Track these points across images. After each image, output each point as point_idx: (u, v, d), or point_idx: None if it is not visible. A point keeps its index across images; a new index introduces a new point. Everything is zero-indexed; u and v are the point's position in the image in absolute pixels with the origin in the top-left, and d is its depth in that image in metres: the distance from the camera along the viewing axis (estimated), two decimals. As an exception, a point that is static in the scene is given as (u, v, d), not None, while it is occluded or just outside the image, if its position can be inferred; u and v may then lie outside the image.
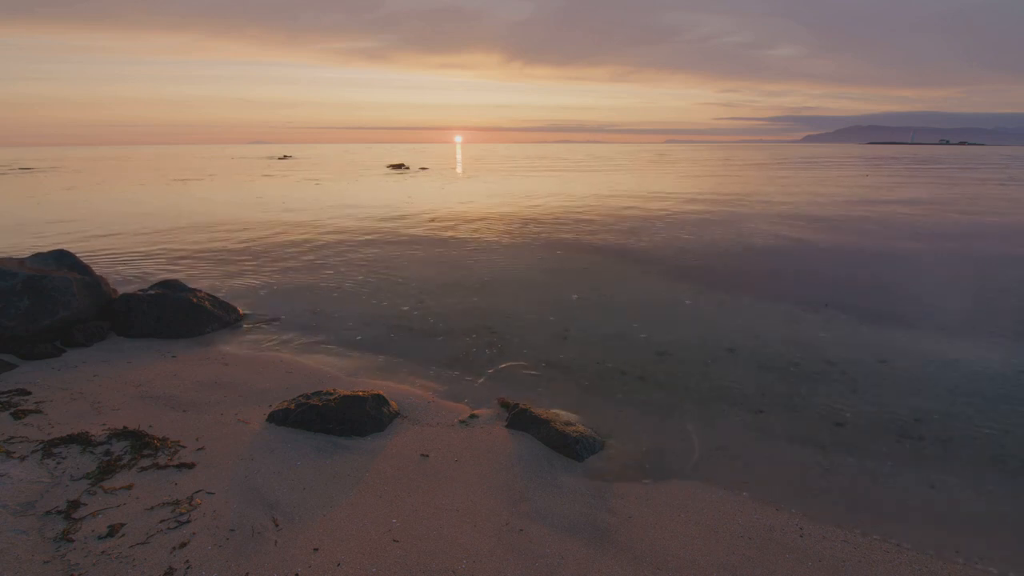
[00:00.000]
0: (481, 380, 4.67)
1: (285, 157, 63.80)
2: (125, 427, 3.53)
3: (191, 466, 3.16)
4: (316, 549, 2.56)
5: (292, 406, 3.77)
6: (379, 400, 3.88)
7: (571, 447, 3.48)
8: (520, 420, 3.80)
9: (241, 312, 6.21)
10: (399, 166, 40.50)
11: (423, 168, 38.82)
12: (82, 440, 3.33)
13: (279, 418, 3.74)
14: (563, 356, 5.17)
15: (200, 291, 6.03)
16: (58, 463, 3.12)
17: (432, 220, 13.62)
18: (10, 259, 5.46)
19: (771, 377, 4.72)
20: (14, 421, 3.61)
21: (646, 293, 7.26)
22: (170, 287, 5.93)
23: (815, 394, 4.40)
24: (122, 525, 2.63)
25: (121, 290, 6.13)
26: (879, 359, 5.08)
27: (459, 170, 37.86)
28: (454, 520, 2.81)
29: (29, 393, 4.05)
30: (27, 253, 5.97)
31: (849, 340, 5.55)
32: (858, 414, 4.08)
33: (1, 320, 4.81)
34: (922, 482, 3.29)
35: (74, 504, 2.77)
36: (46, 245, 9.83)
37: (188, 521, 2.69)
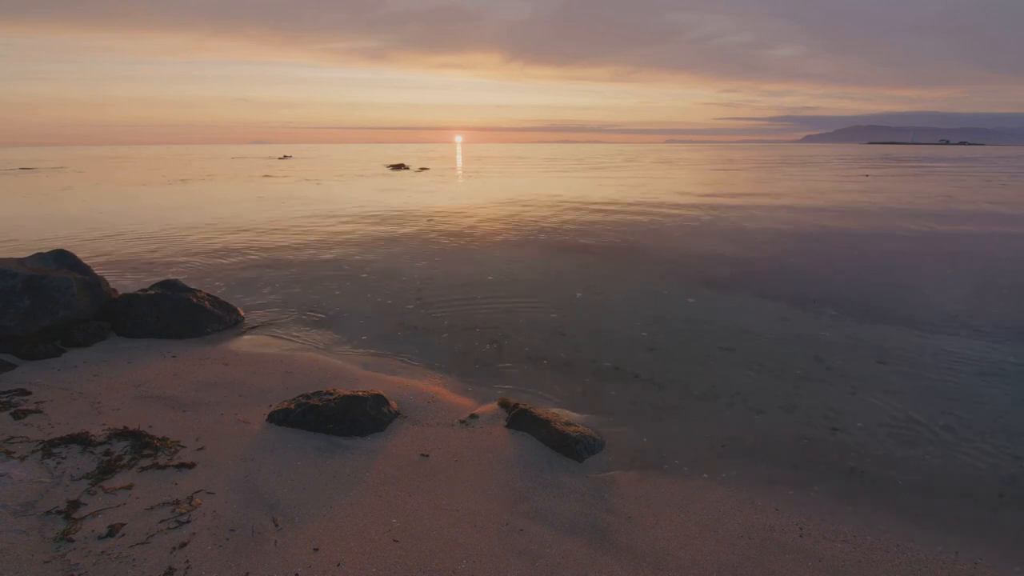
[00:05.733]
0: (482, 380, 4.66)
1: (285, 157, 63.86)
2: (125, 427, 3.53)
3: (191, 466, 3.16)
4: (316, 549, 2.55)
5: (292, 406, 3.77)
6: (379, 400, 3.88)
7: (571, 447, 3.47)
8: (520, 420, 3.80)
9: (241, 312, 6.20)
10: (399, 166, 40.49)
11: (423, 168, 38.81)
12: (82, 440, 3.33)
13: (279, 418, 3.74)
14: (564, 355, 5.17)
15: (200, 291, 6.02)
16: (58, 463, 3.12)
17: (432, 219, 13.62)
18: (10, 259, 5.46)
19: (770, 376, 4.72)
20: (14, 421, 3.61)
21: (648, 292, 7.26)
22: (170, 287, 5.93)
23: (814, 393, 4.40)
24: (122, 525, 2.63)
25: (121, 290, 6.13)
26: (878, 359, 5.08)
27: (459, 170, 37.85)
28: (454, 520, 2.81)
29: (29, 393, 4.05)
30: (27, 253, 5.97)
31: (848, 339, 5.54)
32: (856, 414, 4.08)
33: (1, 320, 4.82)
34: (923, 482, 3.29)
35: (74, 504, 2.77)
36: (46, 245, 9.82)
37: (188, 521, 2.69)
